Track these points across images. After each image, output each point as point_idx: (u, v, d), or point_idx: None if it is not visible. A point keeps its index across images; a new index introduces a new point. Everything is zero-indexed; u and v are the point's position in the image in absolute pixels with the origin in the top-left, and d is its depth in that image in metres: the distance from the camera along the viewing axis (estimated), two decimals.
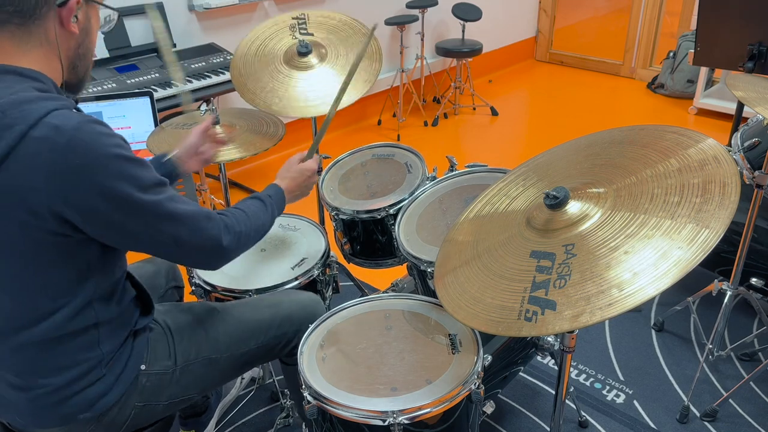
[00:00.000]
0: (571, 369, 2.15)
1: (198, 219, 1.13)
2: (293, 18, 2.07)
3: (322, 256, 1.72)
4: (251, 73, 1.97)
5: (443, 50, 4.23)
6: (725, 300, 2.01)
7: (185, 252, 1.14)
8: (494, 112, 4.48)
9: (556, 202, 1.10)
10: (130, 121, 2.22)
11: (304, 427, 1.75)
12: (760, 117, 2.09)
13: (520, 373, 2.13)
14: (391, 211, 1.82)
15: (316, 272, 1.69)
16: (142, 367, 1.23)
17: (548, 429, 1.91)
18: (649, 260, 0.96)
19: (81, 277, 1.08)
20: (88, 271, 1.09)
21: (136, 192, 1.03)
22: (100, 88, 2.53)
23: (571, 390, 2.02)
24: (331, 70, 1.97)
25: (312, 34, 2.03)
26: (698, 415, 1.95)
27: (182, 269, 1.72)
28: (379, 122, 4.36)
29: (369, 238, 1.90)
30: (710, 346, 2.03)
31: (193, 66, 2.89)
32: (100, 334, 1.15)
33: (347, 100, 1.86)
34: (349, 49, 2.00)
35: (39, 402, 1.13)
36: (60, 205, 0.98)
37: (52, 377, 1.12)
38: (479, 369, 1.27)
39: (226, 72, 2.89)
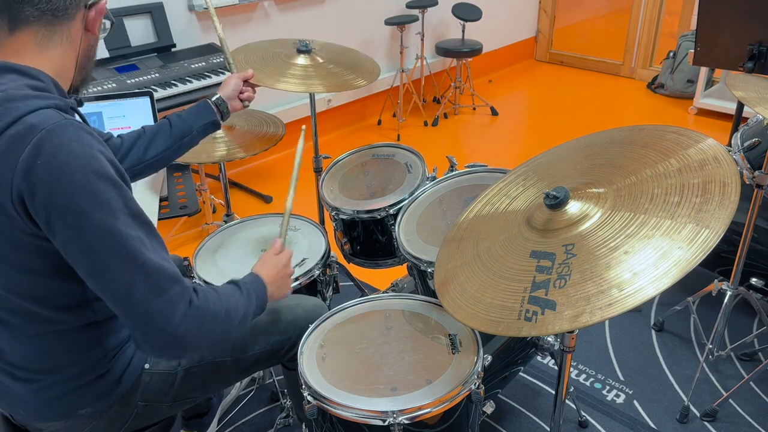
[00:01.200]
0: (571, 369, 2.15)
1: (163, 276, 0.98)
2: (297, 41, 2.09)
3: (323, 256, 1.72)
4: (248, 60, 1.98)
5: (443, 50, 4.23)
6: (725, 300, 2.01)
7: (135, 313, 0.97)
8: (494, 112, 4.48)
9: (556, 202, 1.11)
10: (130, 121, 2.22)
11: (304, 427, 1.75)
12: (760, 117, 2.09)
13: (520, 373, 2.13)
14: (391, 211, 1.82)
15: (316, 272, 1.69)
16: (146, 365, 1.23)
17: (548, 429, 1.91)
18: (649, 260, 0.96)
19: (69, 280, 1.04)
20: (75, 275, 1.02)
21: (96, 212, 0.93)
22: (100, 88, 2.53)
23: (571, 390, 2.02)
24: (328, 69, 1.97)
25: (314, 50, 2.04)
26: (698, 415, 1.95)
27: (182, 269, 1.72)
28: (379, 122, 4.36)
29: (369, 238, 1.90)
30: (710, 346, 2.03)
31: (193, 66, 2.88)
32: (102, 331, 1.15)
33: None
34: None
35: (41, 395, 1.13)
36: (26, 204, 0.94)
37: (55, 371, 1.12)
38: (479, 369, 1.27)
39: (226, 72, 2.88)
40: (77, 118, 1.05)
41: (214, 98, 1.57)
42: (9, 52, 1.04)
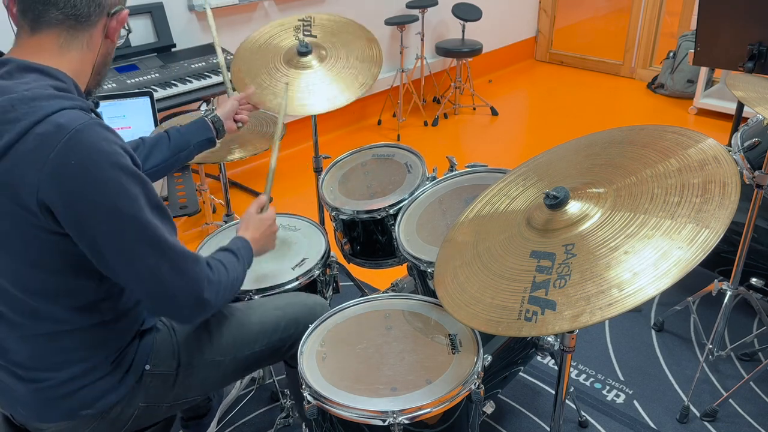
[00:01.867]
0: (571, 369, 2.15)
1: (186, 259, 1.08)
2: (299, 20, 2.08)
3: (323, 256, 1.72)
4: (250, 69, 1.97)
5: (443, 50, 4.23)
6: (725, 300, 2.01)
7: (160, 292, 1.07)
8: (494, 112, 4.48)
9: (556, 202, 1.11)
10: (130, 121, 2.22)
11: (304, 427, 1.75)
12: (760, 117, 2.09)
13: (520, 373, 2.13)
14: (391, 212, 1.82)
15: (316, 272, 1.69)
16: (147, 367, 1.23)
17: (548, 429, 1.91)
18: (649, 260, 0.96)
19: (81, 277, 1.08)
20: (88, 271, 1.08)
21: (126, 206, 1.00)
22: (100, 88, 2.53)
23: (571, 390, 2.02)
24: (328, 72, 1.97)
25: (315, 36, 2.03)
26: (698, 415, 1.95)
27: None
28: (379, 122, 4.36)
29: (369, 239, 1.90)
30: (710, 346, 2.03)
31: (193, 66, 2.89)
32: (107, 333, 1.16)
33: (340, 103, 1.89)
34: (350, 52, 2.01)
35: (43, 395, 1.14)
36: (50, 202, 0.97)
37: (57, 371, 1.13)
38: (479, 369, 1.27)
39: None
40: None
41: (210, 116, 1.61)
42: (29, 52, 1.06)
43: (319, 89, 1.91)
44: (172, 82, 2.73)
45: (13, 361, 1.13)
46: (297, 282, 1.64)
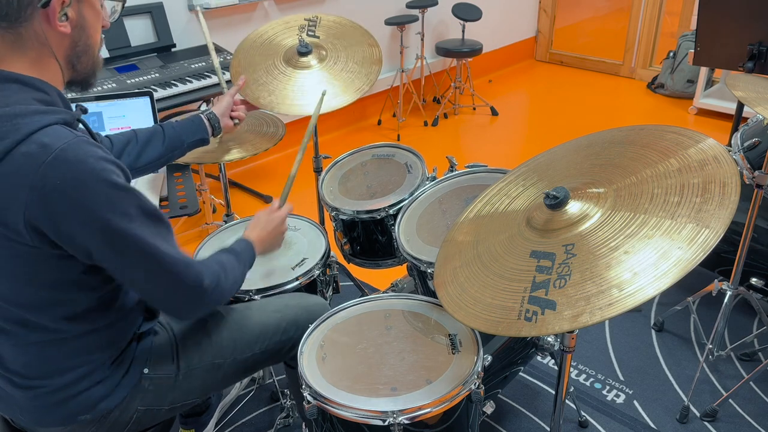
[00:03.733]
0: (571, 369, 2.15)
1: (182, 264, 1.09)
2: (305, 19, 2.08)
3: (323, 256, 1.72)
4: (249, 64, 1.98)
5: (443, 50, 4.23)
6: (725, 300, 2.01)
7: (159, 297, 1.11)
8: (494, 112, 4.48)
9: (556, 202, 1.10)
10: (130, 121, 2.22)
11: (304, 427, 1.75)
12: (760, 117, 2.09)
13: (520, 373, 2.13)
14: (391, 212, 1.81)
15: (316, 272, 1.69)
16: (146, 370, 1.23)
17: (548, 429, 1.91)
18: (649, 260, 0.96)
19: (72, 290, 1.07)
20: (77, 283, 1.07)
21: (118, 222, 0.99)
22: (100, 88, 2.53)
23: (571, 390, 2.02)
24: (327, 74, 1.97)
25: (318, 37, 2.03)
26: (698, 415, 1.95)
27: None
28: (379, 122, 4.36)
29: (369, 239, 1.90)
30: (710, 346, 2.03)
31: (193, 66, 2.88)
32: (101, 339, 1.15)
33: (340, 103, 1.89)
34: (350, 55, 2.01)
35: (40, 401, 1.13)
36: (38, 222, 0.96)
37: (53, 377, 1.12)
38: (479, 369, 1.27)
39: (226, 72, 2.88)
40: (82, 127, 1.07)
41: (206, 113, 1.60)
42: None
43: (314, 91, 1.91)
44: (172, 82, 2.73)
45: (8, 368, 1.13)
46: (297, 282, 1.64)
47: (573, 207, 1.10)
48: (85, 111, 1.10)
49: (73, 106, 1.10)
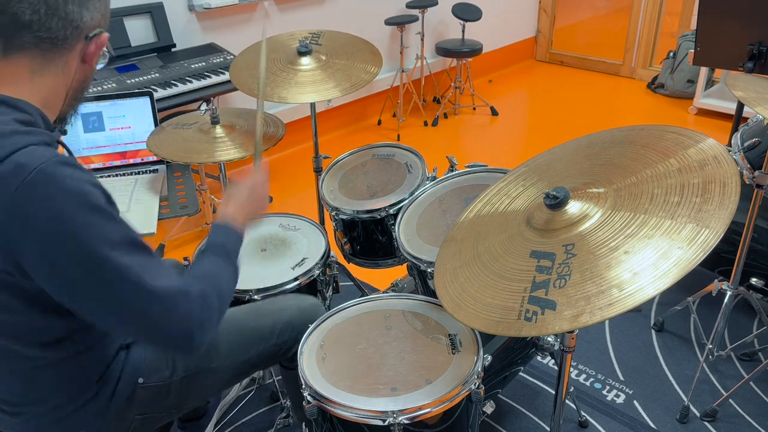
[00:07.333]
0: (571, 369, 2.15)
1: (168, 296, 0.98)
2: (309, 33, 2.12)
3: (323, 256, 1.72)
4: (249, 60, 2.01)
5: (443, 50, 4.23)
6: (725, 300, 2.01)
7: (150, 333, 0.99)
8: (494, 112, 4.48)
9: (556, 202, 1.10)
10: (130, 121, 2.22)
11: (304, 427, 1.75)
12: (760, 117, 2.09)
13: (520, 373, 2.13)
14: (391, 211, 1.82)
15: (316, 272, 1.69)
16: (140, 380, 1.21)
17: (548, 429, 1.91)
18: (649, 260, 0.96)
19: (48, 315, 1.02)
20: (55, 310, 1.01)
21: (98, 246, 0.91)
22: (100, 88, 2.53)
23: (571, 390, 2.02)
24: (324, 71, 1.97)
25: (320, 45, 2.05)
26: (698, 415, 1.95)
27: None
28: (379, 122, 4.36)
29: (369, 238, 1.90)
30: (710, 346, 2.03)
31: (193, 66, 2.88)
32: (83, 360, 1.12)
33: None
34: (349, 59, 2.02)
35: (32, 425, 1.12)
36: (13, 248, 0.91)
37: (41, 403, 1.11)
38: (479, 369, 1.27)
39: (225, 72, 2.88)
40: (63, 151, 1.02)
41: None
42: None
43: (312, 83, 1.92)
44: (172, 82, 2.73)
45: None
46: (297, 282, 1.64)
47: (573, 207, 1.10)
48: (64, 133, 1.07)
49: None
